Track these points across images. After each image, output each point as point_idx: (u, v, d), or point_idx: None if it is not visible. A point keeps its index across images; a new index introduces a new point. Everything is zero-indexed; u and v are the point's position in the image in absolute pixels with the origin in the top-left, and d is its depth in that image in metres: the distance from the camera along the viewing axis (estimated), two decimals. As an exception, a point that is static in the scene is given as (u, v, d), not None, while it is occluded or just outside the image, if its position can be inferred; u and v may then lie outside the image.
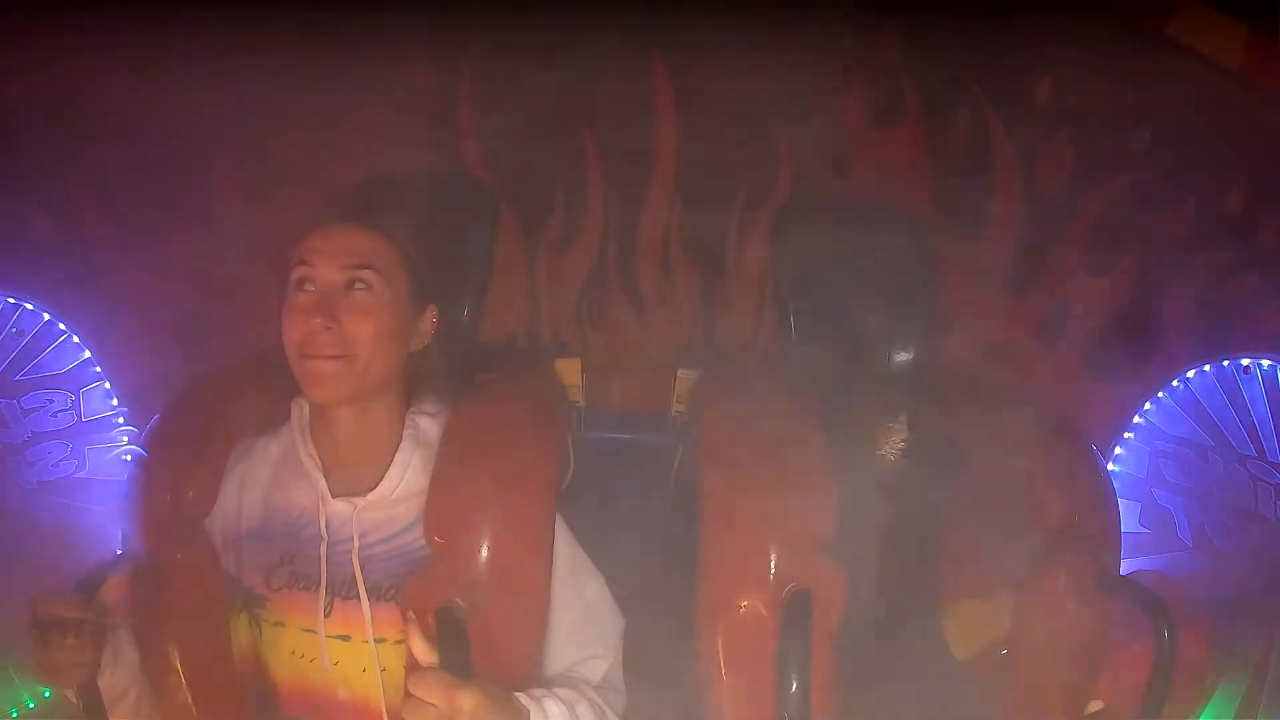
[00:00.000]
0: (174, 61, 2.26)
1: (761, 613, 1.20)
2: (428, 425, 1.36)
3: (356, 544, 1.30)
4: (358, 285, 1.29)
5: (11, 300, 1.98)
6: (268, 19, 2.33)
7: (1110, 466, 2.22)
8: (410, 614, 1.16)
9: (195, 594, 1.29)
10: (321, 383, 1.27)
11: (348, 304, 1.28)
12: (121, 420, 2.06)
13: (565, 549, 1.33)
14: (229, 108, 2.35)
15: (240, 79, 2.33)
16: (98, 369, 2.04)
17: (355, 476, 1.35)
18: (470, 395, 1.39)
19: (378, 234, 1.33)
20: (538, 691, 1.18)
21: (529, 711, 1.14)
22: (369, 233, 1.33)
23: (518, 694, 1.14)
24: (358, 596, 1.28)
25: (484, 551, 1.18)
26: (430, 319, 1.39)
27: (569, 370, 1.81)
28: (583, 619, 1.32)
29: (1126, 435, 2.15)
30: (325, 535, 1.31)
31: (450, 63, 2.54)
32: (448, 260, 1.50)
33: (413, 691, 1.07)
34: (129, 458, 2.00)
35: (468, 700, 1.07)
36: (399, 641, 1.27)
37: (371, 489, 1.33)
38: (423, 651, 1.13)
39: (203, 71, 2.27)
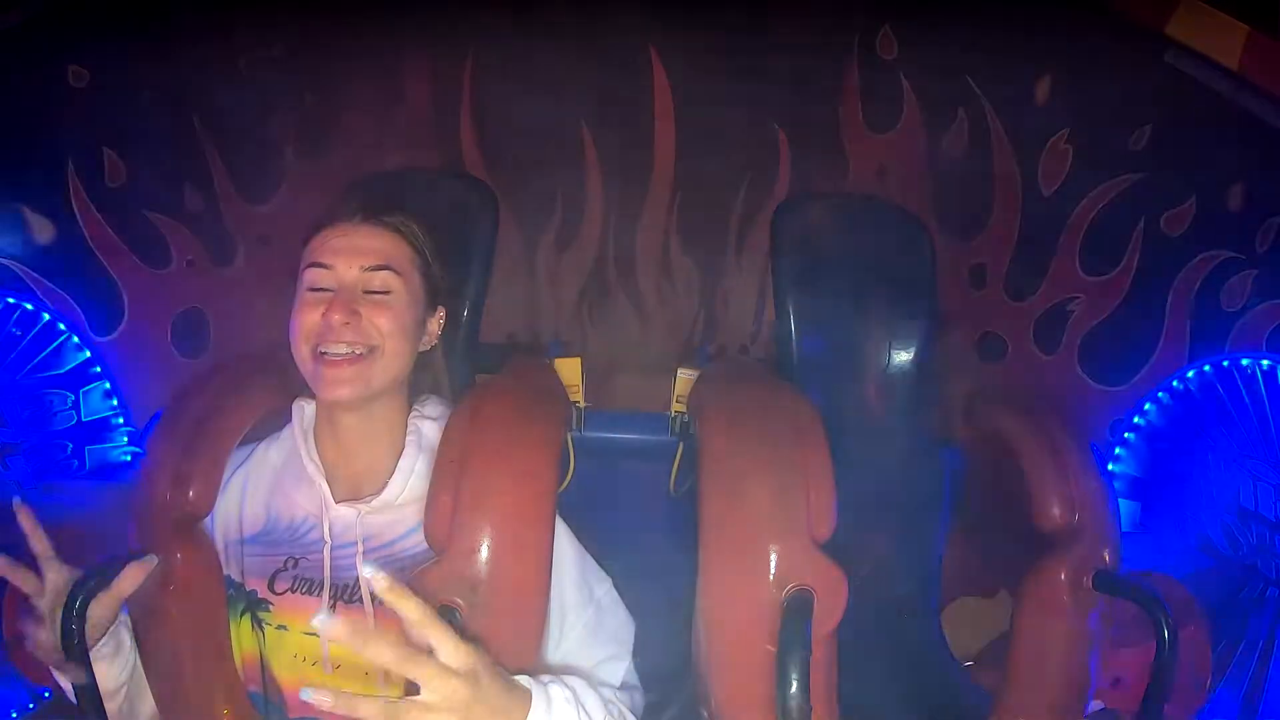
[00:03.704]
0: (173, 61, 2.26)
1: (761, 613, 1.20)
2: (430, 430, 1.35)
3: (360, 548, 1.30)
4: (375, 285, 1.28)
5: (11, 300, 1.97)
6: (269, 18, 2.34)
7: (1110, 466, 2.22)
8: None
9: (195, 594, 1.29)
10: (337, 385, 1.25)
11: (366, 302, 1.27)
12: (121, 420, 2.06)
13: (571, 552, 1.32)
14: (228, 106, 2.35)
15: (240, 78, 2.33)
16: (98, 369, 2.04)
17: (357, 480, 1.34)
18: (470, 395, 1.38)
19: (394, 234, 1.32)
20: (545, 677, 1.17)
21: (531, 693, 1.12)
22: (385, 232, 1.32)
23: (520, 677, 1.12)
24: (361, 600, 1.28)
25: (484, 551, 1.18)
26: (439, 320, 1.39)
27: (569, 370, 1.80)
28: (596, 620, 1.31)
29: (1126, 435, 2.15)
30: (329, 539, 1.31)
31: (450, 63, 2.54)
32: (448, 260, 1.50)
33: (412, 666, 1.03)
34: (129, 458, 2.00)
35: (465, 658, 0.98)
36: (400, 644, 1.26)
37: (374, 493, 1.32)
38: (414, 611, 0.98)
39: (202, 70, 2.27)
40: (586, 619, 1.30)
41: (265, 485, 1.37)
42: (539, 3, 2.46)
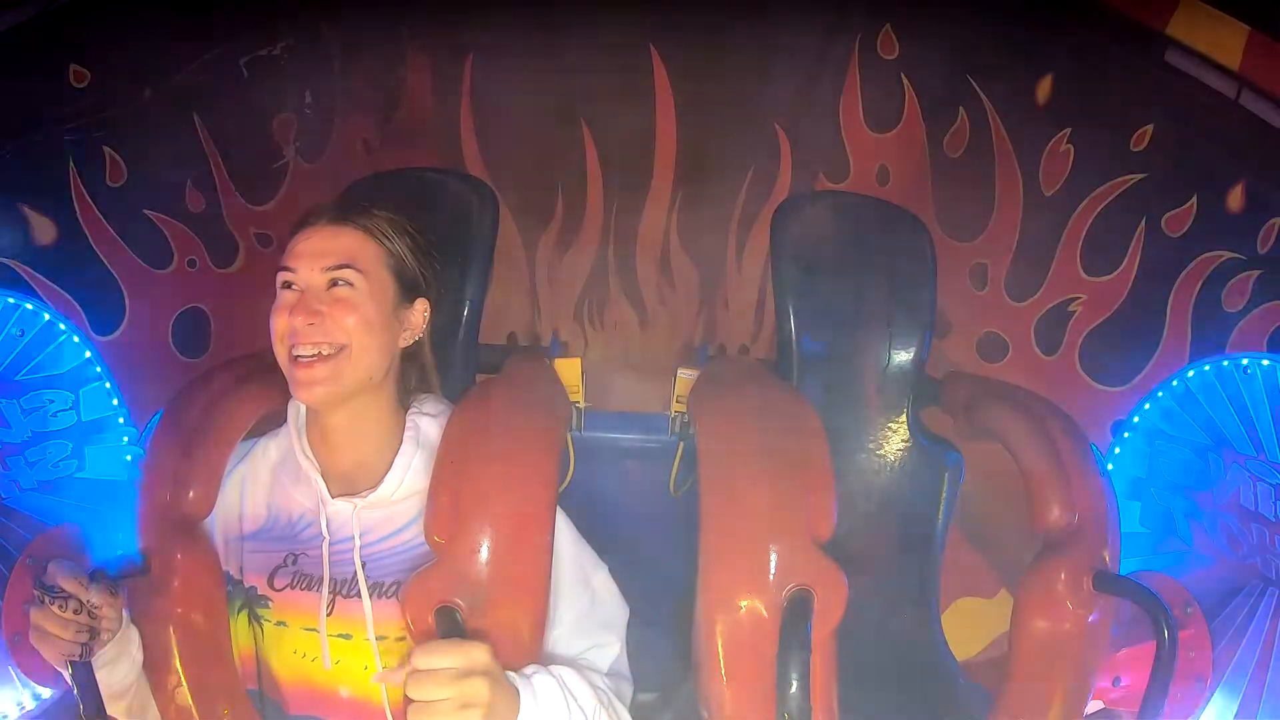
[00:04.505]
0: (173, 61, 2.26)
1: (761, 613, 1.20)
2: (429, 426, 1.36)
3: (358, 542, 1.31)
4: (339, 284, 1.30)
5: (11, 300, 1.97)
6: (269, 18, 2.34)
7: (1110, 466, 2.21)
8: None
9: (195, 594, 1.29)
10: (311, 386, 1.27)
11: (329, 301, 1.28)
12: (121, 420, 2.05)
13: (569, 541, 1.33)
14: (228, 106, 2.36)
15: (240, 78, 2.33)
16: (98, 369, 2.03)
17: (353, 475, 1.35)
18: (470, 395, 1.39)
19: (358, 232, 1.33)
20: (529, 669, 1.18)
21: (518, 690, 1.13)
22: (349, 232, 1.33)
23: (507, 673, 1.14)
24: (359, 594, 1.29)
25: (484, 551, 1.18)
26: (421, 313, 1.39)
27: (569, 370, 1.81)
28: (590, 608, 1.32)
29: (1126, 435, 2.15)
30: (327, 534, 1.31)
31: (450, 63, 2.54)
32: (448, 260, 1.50)
33: (421, 664, 1.05)
34: (129, 458, 2.00)
35: (482, 655, 1.07)
36: (400, 639, 1.27)
37: (370, 488, 1.33)
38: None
39: (202, 70, 2.27)
40: (580, 606, 1.31)
41: (265, 482, 1.39)
42: (539, 2, 2.46)
